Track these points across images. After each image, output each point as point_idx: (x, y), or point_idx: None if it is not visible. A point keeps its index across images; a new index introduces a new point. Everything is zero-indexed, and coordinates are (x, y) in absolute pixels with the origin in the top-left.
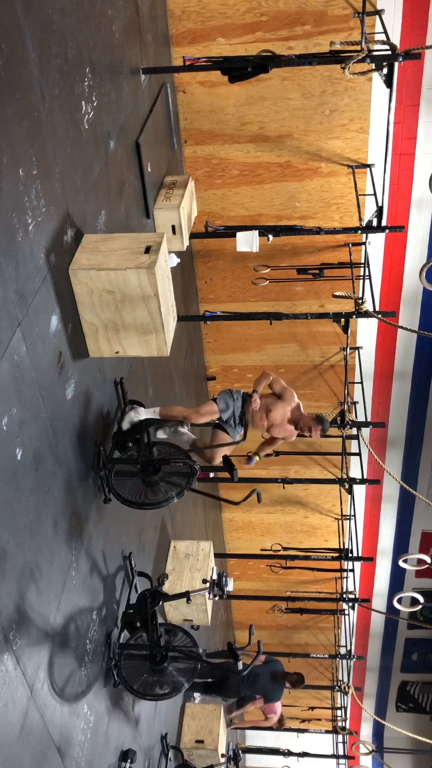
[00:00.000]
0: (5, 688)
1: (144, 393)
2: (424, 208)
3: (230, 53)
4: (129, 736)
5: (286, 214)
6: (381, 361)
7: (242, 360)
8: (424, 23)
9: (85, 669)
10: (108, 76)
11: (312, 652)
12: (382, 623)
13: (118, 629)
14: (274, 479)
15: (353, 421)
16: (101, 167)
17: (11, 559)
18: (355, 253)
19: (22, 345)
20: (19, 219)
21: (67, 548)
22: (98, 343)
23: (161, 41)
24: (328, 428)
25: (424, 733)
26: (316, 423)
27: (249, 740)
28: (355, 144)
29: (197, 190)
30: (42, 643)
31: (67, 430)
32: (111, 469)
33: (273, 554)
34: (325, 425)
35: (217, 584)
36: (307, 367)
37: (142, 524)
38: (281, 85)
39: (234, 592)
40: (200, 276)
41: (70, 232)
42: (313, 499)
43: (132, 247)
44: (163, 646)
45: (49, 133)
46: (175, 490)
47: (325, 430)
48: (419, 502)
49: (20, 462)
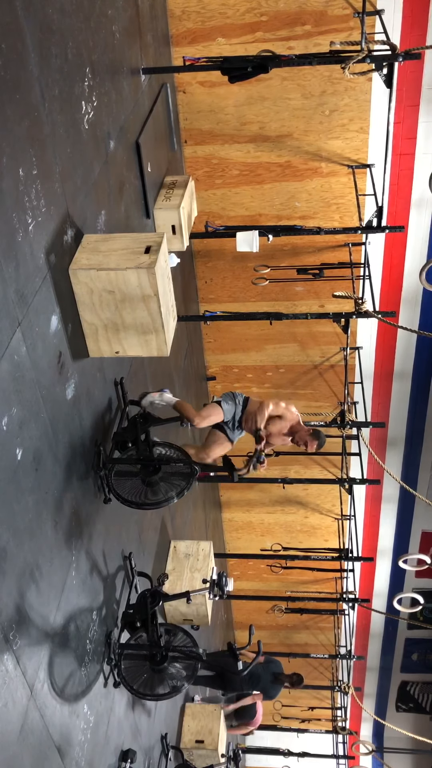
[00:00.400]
0: (5, 688)
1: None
2: (424, 208)
3: (230, 53)
4: (129, 736)
5: (286, 214)
6: (381, 361)
7: (242, 360)
8: (424, 23)
9: (85, 669)
10: (108, 76)
11: (312, 652)
12: (382, 623)
13: (118, 629)
14: (274, 479)
15: (353, 421)
16: (101, 167)
17: (11, 559)
18: (355, 253)
19: (22, 345)
20: (19, 219)
21: (67, 548)
22: (98, 343)
23: (161, 41)
24: (323, 443)
25: (424, 733)
26: (312, 438)
27: (249, 740)
28: (355, 144)
29: (197, 190)
30: (42, 643)
31: (67, 430)
32: (111, 469)
33: (273, 554)
34: (321, 440)
35: (217, 584)
36: (307, 367)
37: (142, 524)
38: (281, 85)
39: (234, 592)
40: (200, 276)
41: (70, 232)
42: (313, 499)
43: (132, 247)
44: (163, 646)
45: (49, 133)
46: (175, 490)
47: (320, 446)
48: (419, 502)
49: (20, 462)
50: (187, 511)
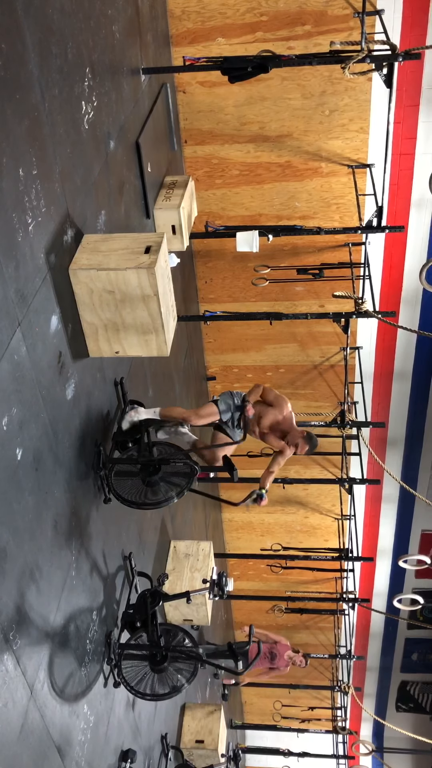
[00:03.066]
0: (5, 688)
1: (144, 393)
2: (424, 208)
3: (230, 53)
4: (129, 736)
5: (286, 214)
6: (381, 361)
7: (242, 360)
8: (424, 23)
9: (85, 669)
10: (108, 76)
11: (312, 652)
12: (382, 623)
13: (118, 629)
14: (274, 479)
15: (353, 421)
16: (101, 167)
17: (11, 559)
18: (355, 253)
19: (22, 345)
20: (19, 219)
21: (67, 548)
22: (98, 343)
23: (161, 41)
24: (316, 446)
25: (424, 733)
26: (304, 441)
27: (249, 740)
28: (355, 144)
29: (197, 190)
30: (42, 643)
31: (67, 430)
32: (111, 469)
33: (273, 554)
34: (313, 442)
35: (217, 584)
36: (307, 367)
37: (142, 524)
38: (281, 85)
39: (234, 592)
40: (200, 276)
41: (70, 232)
42: (313, 499)
43: (132, 247)
44: (163, 646)
45: (49, 133)
46: (175, 490)
47: (312, 448)
48: (419, 502)
49: (20, 462)
50: (187, 511)
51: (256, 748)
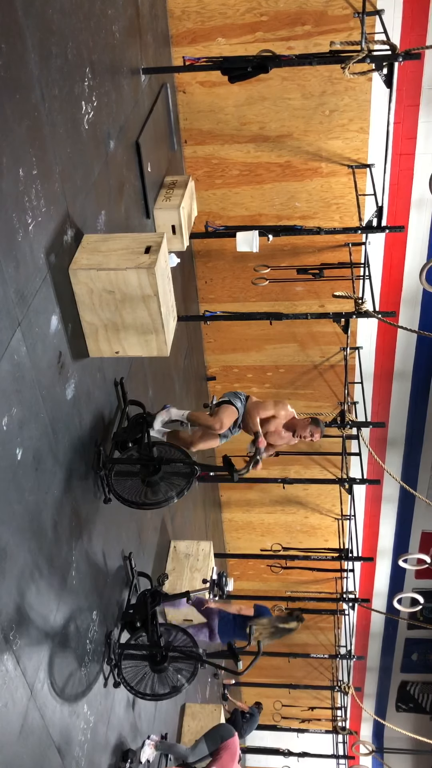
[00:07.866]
0: (5, 688)
1: (144, 393)
2: (424, 208)
3: (230, 53)
4: (129, 736)
5: (286, 214)
6: (381, 361)
7: (242, 360)
8: (424, 23)
9: (85, 669)
10: (108, 76)
11: (312, 652)
12: (382, 623)
13: (118, 629)
14: (274, 479)
15: (353, 421)
16: (101, 167)
17: (11, 559)
18: (355, 253)
19: (22, 345)
20: (19, 219)
21: (67, 548)
22: (98, 343)
23: (161, 41)
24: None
25: (424, 733)
26: (314, 427)
27: (249, 740)
28: (355, 144)
29: (197, 190)
30: (42, 643)
31: (67, 430)
32: (111, 469)
33: (273, 554)
34: (321, 425)
35: (217, 584)
36: (307, 367)
37: (142, 524)
38: (281, 85)
39: (234, 592)
40: (200, 276)
41: (70, 232)
42: (313, 499)
43: (132, 247)
44: (163, 646)
45: (49, 133)
46: (175, 490)
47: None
48: (419, 502)
49: (20, 462)
50: (187, 511)
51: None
